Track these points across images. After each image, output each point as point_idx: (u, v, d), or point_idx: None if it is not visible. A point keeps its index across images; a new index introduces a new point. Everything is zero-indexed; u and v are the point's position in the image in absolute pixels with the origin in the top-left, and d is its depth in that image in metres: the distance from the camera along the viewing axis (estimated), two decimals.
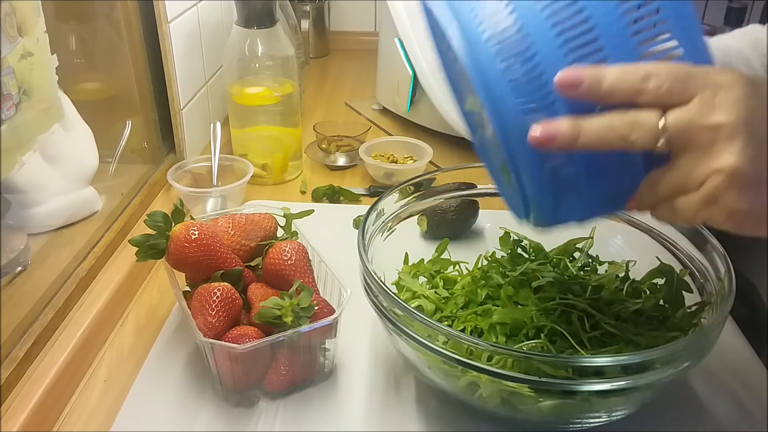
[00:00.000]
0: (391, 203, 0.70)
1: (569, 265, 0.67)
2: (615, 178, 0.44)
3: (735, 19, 1.32)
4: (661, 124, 0.39)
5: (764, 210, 0.39)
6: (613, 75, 0.39)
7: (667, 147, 0.39)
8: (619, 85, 0.39)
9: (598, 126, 0.40)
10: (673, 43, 0.41)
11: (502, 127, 0.41)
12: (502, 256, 0.69)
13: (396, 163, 1.03)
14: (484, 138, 0.55)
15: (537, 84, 0.41)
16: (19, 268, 0.68)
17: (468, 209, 0.82)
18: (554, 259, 0.68)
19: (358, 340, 0.69)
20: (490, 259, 0.69)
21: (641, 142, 0.39)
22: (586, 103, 0.40)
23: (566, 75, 0.39)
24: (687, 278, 0.62)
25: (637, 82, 0.39)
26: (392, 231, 0.70)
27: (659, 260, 0.64)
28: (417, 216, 0.75)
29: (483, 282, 0.64)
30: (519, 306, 0.61)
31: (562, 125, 0.40)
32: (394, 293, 0.56)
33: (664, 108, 0.39)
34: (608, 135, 0.39)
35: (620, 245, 0.70)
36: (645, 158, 0.42)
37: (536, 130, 0.40)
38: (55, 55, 0.70)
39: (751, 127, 0.38)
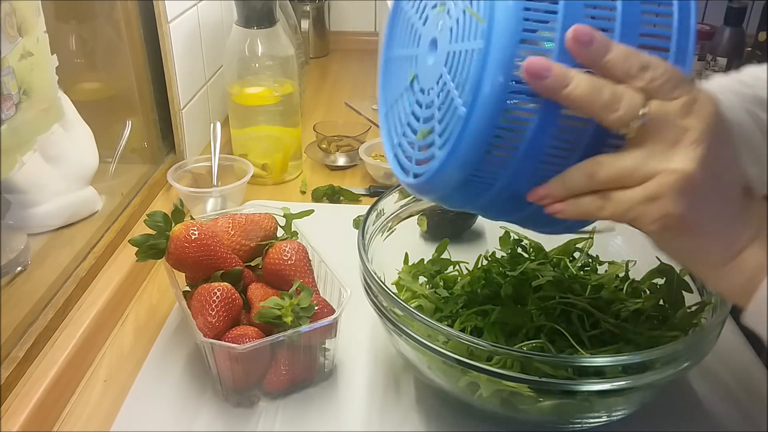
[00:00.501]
0: (391, 203, 0.70)
1: (569, 265, 0.67)
2: (553, 161, 0.43)
3: (735, 19, 1.32)
4: (643, 109, 0.40)
5: (694, 221, 0.41)
6: (619, 51, 0.40)
7: (636, 132, 0.40)
8: (621, 63, 0.40)
9: (589, 84, 0.40)
10: (667, 48, 0.43)
11: (492, 47, 0.40)
12: (502, 256, 0.69)
13: None
14: (411, 77, 0.52)
15: (545, 26, 0.41)
16: (19, 268, 0.68)
17: None
18: (554, 259, 0.68)
19: (358, 340, 0.69)
20: (490, 258, 0.69)
21: (619, 116, 0.40)
22: (576, 65, 0.41)
23: (583, 30, 0.40)
24: (687, 278, 0.62)
25: (636, 68, 0.40)
26: (392, 231, 0.70)
27: (659, 260, 0.64)
28: (417, 216, 0.75)
29: (483, 282, 0.64)
30: (519, 306, 0.61)
31: (558, 66, 0.40)
32: (394, 293, 0.56)
33: (648, 96, 0.40)
34: (594, 97, 0.40)
35: (620, 245, 0.70)
36: (588, 146, 0.42)
37: (534, 59, 0.40)
38: (55, 55, 0.70)
39: (714, 142, 0.40)
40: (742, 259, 0.42)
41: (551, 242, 0.69)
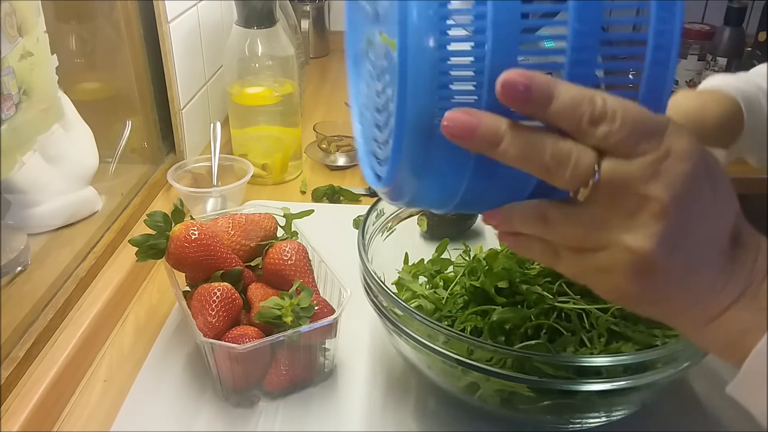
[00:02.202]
0: None
1: None
2: (498, 188, 0.38)
3: (735, 19, 1.32)
4: (594, 168, 0.33)
5: (654, 297, 0.36)
6: (566, 98, 0.32)
7: (587, 195, 0.33)
8: (569, 114, 0.33)
9: (525, 143, 0.33)
10: (636, 80, 0.35)
11: (406, 77, 0.34)
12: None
13: None
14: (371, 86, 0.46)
15: (476, 58, 0.34)
16: (19, 268, 0.68)
17: None
18: None
19: (358, 340, 0.69)
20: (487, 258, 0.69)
21: (565, 181, 0.33)
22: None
23: (516, 78, 0.32)
24: None
25: (587, 119, 0.32)
26: (392, 231, 0.70)
27: None
28: (417, 216, 0.75)
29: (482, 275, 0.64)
30: (518, 306, 0.61)
31: (487, 119, 0.33)
32: (394, 293, 0.56)
33: (603, 153, 0.33)
34: (533, 158, 0.33)
35: None
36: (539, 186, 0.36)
37: (455, 115, 0.33)
38: (55, 55, 0.70)
39: (682, 212, 0.33)
40: (723, 321, 0.36)
41: None
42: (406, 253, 0.70)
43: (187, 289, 0.66)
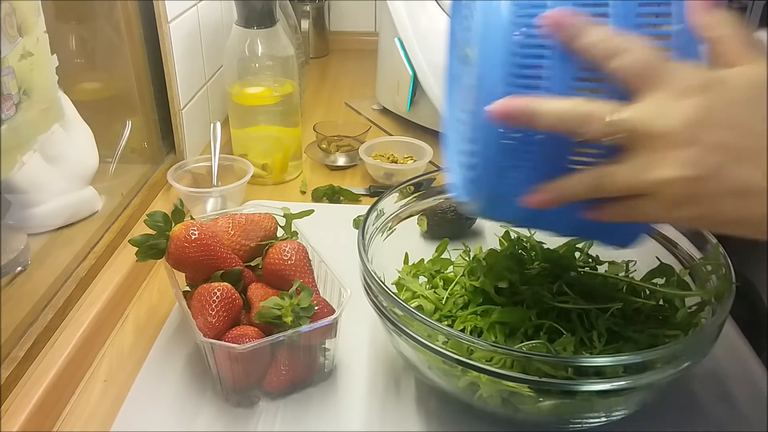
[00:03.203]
0: (391, 203, 0.70)
1: (571, 265, 0.67)
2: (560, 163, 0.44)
3: None
4: (609, 119, 0.39)
5: (708, 215, 0.39)
6: (594, 36, 0.40)
7: (614, 142, 0.40)
8: (592, 48, 0.40)
9: (556, 112, 0.41)
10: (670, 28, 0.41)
11: (484, 70, 0.43)
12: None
13: (396, 163, 1.03)
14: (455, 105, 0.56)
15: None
16: (19, 268, 0.68)
17: None
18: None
19: (358, 340, 0.69)
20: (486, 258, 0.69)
21: (591, 134, 0.40)
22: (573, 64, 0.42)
23: (560, 13, 0.41)
24: (687, 278, 0.62)
25: (602, 55, 0.40)
26: (392, 231, 0.70)
27: (659, 260, 0.64)
28: (417, 216, 0.75)
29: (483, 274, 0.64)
30: (518, 306, 0.61)
31: (522, 104, 0.41)
32: (394, 293, 0.56)
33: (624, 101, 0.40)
34: (565, 122, 0.41)
35: None
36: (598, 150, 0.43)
37: (501, 107, 0.42)
38: (55, 55, 0.70)
39: (703, 134, 0.37)
40: None
41: (552, 243, 0.69)
42: (406, 253, 0.70)
43: (187, 289, 0.66)
